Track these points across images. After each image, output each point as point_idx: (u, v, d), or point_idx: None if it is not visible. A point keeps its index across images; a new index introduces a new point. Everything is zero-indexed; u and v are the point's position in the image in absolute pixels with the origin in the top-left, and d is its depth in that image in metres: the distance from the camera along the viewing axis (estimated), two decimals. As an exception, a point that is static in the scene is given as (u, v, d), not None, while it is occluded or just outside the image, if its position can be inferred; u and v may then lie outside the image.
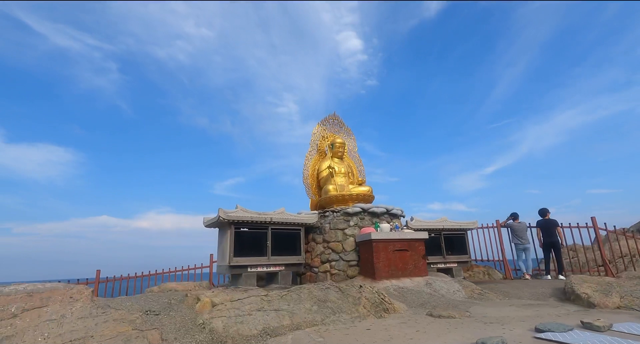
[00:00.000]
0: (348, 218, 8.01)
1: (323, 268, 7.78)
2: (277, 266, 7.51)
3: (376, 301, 5.15)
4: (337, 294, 5.30)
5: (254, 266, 7.23)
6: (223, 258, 7.32)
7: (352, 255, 7.65)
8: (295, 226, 7.99)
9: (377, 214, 8.30)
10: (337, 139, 10.33)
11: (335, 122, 10.86)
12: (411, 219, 9.10)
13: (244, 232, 7.38)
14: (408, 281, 6.91)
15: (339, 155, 10.18)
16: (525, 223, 10.57)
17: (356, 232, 7.89)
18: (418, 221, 9.10)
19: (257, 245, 7.47)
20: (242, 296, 5.05)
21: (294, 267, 7.79)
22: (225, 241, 7.31)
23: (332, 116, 10.81)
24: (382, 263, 7.03)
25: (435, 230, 9.17)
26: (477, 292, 6.50)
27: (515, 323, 3.98)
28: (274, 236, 7.60)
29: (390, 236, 7.28)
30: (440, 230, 9.31)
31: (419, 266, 7.41)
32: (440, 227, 9.33)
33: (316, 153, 10.36)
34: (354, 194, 8.92)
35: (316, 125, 10.52)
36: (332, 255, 7.79)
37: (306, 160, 10.12)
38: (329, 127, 10.73)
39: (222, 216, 6.92)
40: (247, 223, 7.29)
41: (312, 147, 10.32)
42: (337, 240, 7.85)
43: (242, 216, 7.17)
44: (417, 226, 8.78)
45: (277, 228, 7.70)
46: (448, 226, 9.55)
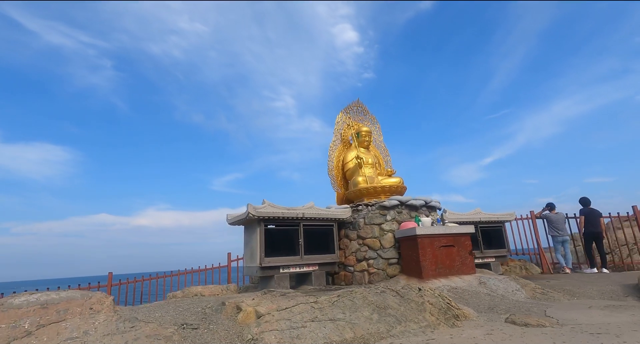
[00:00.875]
0: (384, 212, 7.33)
1: (359, 267, 7.11)
2: (310, 266, 6.85)
3: (442, 307, 4.48)
4: (395, 299, 4.63)
5: (286, 266, 6.57)
6: (252, 258, 6.65)
7: (391, 252, 6.98)
8: (327, 222, 7.32)
9: (415, 207, 7.62)
10: (363, 127, 9.62)
11: (359, 110, 10.13)
12: (444, 212, 8.43)
13: (274, 230, 6.71)
14: (458, 280, 6.25)
15: (365, 145, 9.48)
16: (563, 213, 9.91)
17: (394, 227, 7.21)
18: (452, 214, 8.43)
19: (288, 244, 6.80)
20: (288, 303, 4.38)
21: (328, 266, 7.13)
22: (253, 240, 6.63)
23: (356, 103, 10.08)
24: (429, 260, 6.37)
25: (470, 223, 8.50)
26: (538, 291, 5.84)
27: (630, 334, 3.31)
28: (306, 233, 6.93)
29: (436, 231, 6.60)
30: (477, 223, 8.64)
31: (466, 263, 6.75)
32: (477, 220, 8.65)
33: (340, 143, 9.66)
34: (386, 186, 8.23)
35: (339, 112, 9.80)
36: (368, 252, 7.12)
37: (330, 150, 9.41)
38: (352, 115, 10.00)
39: (252, 213, 6.24)
40: (278, 219, 6.62)
41: (336, 136, 9.60)
42: (373, 236, 7.17)
43: (273, 212, 6.49)
44: (451, 219, 8.11)
45: (309, 224, 7.03)
46: (485, 219, 8.88)
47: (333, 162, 9.35)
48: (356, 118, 10.02)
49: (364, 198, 8.34)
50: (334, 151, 9.45)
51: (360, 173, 8.81)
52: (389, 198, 7.44)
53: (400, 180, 8.67)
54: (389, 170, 9.02)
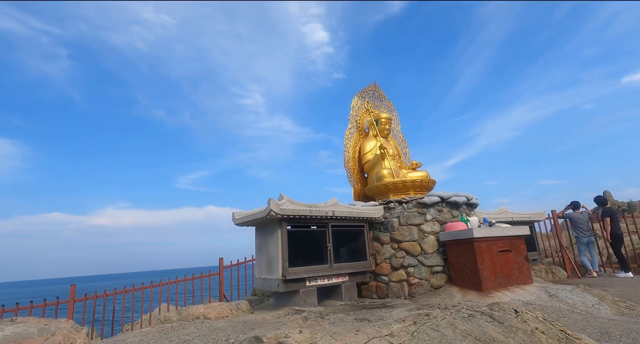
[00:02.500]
0: (423, 210, 6.16)
1: (396, 276, 5.90)
2: (340, 276, 5.55)
3: (559, 337, 3.35)
4: (494, 326, 3.45)
5: (314, 278, 5.23)
6: (270, 268, 5.25)
7: (435, 259, 5.83)
8: (358, 222, 6.05)
9: (457, 205, 6.52)
10: (383, 114, 8.42)
11: (376, 95, 8.93)
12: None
13: (297, 232, 5.34)
14: (522, 291, 5.21)
15: (385, 134, 8.28)
16: (587, 213, 9.26)
17: (436, 228, 6.06)
18: (480, 214, 7.44)
19: (314, 249, 5.47)
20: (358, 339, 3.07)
21: (359, 276, 5.86)
22: (271, 244, 5.23)
23: (373, 86, 8.87)
24: (488, 268, 5.27)
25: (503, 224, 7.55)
26: (622, 305, 4.91)
27: None
28: (334, 236, 5.63)
29: (494, 234, 5.53)
30: (508, 223, 7.71)
31: (523, 270, 5.73)
32: (508, 220, 7.73)
33: (356, 132, 8.40)
34: (417, 180, 7.09)
35: (354, 96, 8.54)
36: (407, 258, 5.93)
37: (346, 139, 8.14)
38: (368, 100, 8.78)
39: (275, 210, 4.84)
40: (302, 219, 5.26)
41: (352, 123, 8.34)
42: (412, 239, 5.99)
43: (298, 210, 5.12)
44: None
45: (338, 224, 5.73)
46: (516, 219, 7.99)
47: (349, 152, 8.08)
48: (372, 104, 8.81)
49: (390, 195, 7.15)
50: (350, 140, 8.19)
51: (384, 165, 7.61)
52: (428, 194, 6.29)
53: (427, 174, 7.56)
54: (414, 163, 7.88)
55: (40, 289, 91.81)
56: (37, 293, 67.47)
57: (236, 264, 8.66)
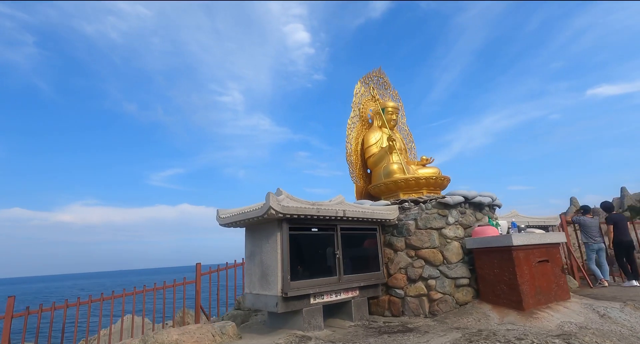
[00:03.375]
0: (445, 212, 5.24)
1: (414, 290, 4.94)
2: (349, 290, 4.53)
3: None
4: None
5: (319, 294, 4.18)
6: (265, 282, 4.15)
7: (460, 269, 4.91)
8: (370, 225, 5.05)
9: (481, 206, 5.65)
10: (390, 103, 7.47)
11: (380, 81, 7.98)
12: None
13: (301, 236, 4.28)
14: (566, 310, 4.37)
15: (391, 125, 7.33)
16: (598, 218, 8.67)
17: (459, 233, 5.15)
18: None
19: (320, 257, 4.43)
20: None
21: (371, 290, 4.86)
22: (269, 251, 4.15)
23: (377, 72, 7.91)
24: (528, 283, 4.40)
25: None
26: (685, 328, 4.15)
27: None
28: (343, 240, 4.60)
29: (532, 241, 4.66)
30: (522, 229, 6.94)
31: (561, 284, 4.91)
32: (524, 224, 6.97)
33: (359, 121, 7.41)
34: (431, 177, 6.18)
35: (357, 82, 7.55)
36: (426, 268, 4.98)
37: (348, 129, 7.13)
38: (370, 87, 7.81)
39: (275, 208, 3.76)
40: (308, 219, 4.20)
41: (354, 111, 7.34)
42: (432, 246, 5.05)
43: (304, 208, 4.06)
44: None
45: (347, 227, 4.71)
46: (532, 223, 7.26)
47: (351, 144, 7.08)
48: (376, 91, 7.85)
49: (400, 193, 6.21)
50: (353, 130, 7.18)
51: (392, 160, 6.66)
52: (450, 193, 5.37)
53: (438, 171, 6.68)
54: (425, 158, 6.97)
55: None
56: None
57: (216, 270, 7.50)
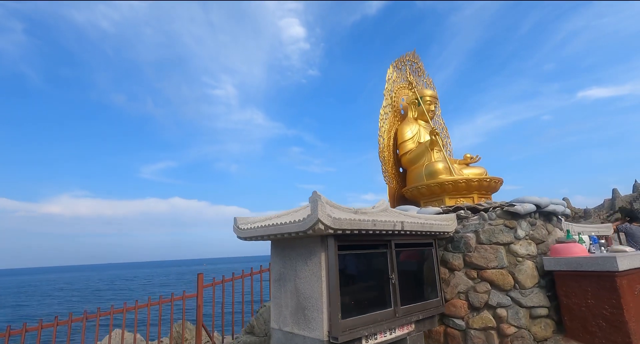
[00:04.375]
0: (512, 223, 4.24)
1: (479, 322, 3.95)
2: (405, 325, 3.52)
3: None
4: None
5: (372, 334, 3.16)
6: (303, 318, 3.11)
7: (536, 296, 3.93)
8: (425, 239, 4.03)
9: (552, 215, 4.68)
10: (428, 90, 6.45)
11: (414, 67, 6.94)
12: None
13: (350, 256, 3.24)
14: (682, 354, 3.43)
15: (430, 116, 6.32)
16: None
17: (532, 250, 4.17)
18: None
19: (372, 284, 3.40)
20: None
21: (427, 322, 3.84)
22: (308, 277, 3.10)
23: (411, 56, 6.86)
24: (636, 318, 3.44)
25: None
26: None
27: None
28: (397, 260, 3.58)
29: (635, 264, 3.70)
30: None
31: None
32: (576, 234, 6.03)
33: (391, 112, 6.37)
34: (486, 180, 5.21)
35: (389, 66, 6.49)
36: (493, 294, 4.00)
37: (381, 120, 6.08)
38: (404, 74, 6.77)
39: (326, 222, 2.72)
40: (360, 235, 3.16)
41: (387, 100, 6.29)
42: (499, 265, 4.06)
43: (359, 221, 3.02)
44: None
45: (402, 243, 3.68)
46: (586, 233, 6.33)
47: (384, 138, 6.04)
48: (409, 78, 6.81)
49: (445, 197, 5.22)
50: (385, 122, 6.14)
51: (434, 158, 5.65)
52: (519, 200, 4.37)
53: (486, 172, 5.71)
54: (469, 156, 5.98)
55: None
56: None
57: (220, 282, 6.45)
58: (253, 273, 6.58)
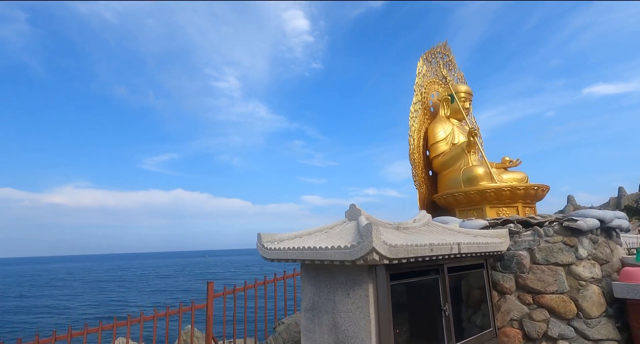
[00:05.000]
0: (572, 240, 3.69)
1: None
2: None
3: None
4: None
5: (427, 378, 2.63)
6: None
7: (604, 327, 3.41)
8: (476, 260, 3.48)
9: (614, 231, 4.13)
10: (462, 86, 5.85)
11: (445, 60, 6.33)
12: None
13: (400, 287, 2.70)
14: None
15: (465, 114, 5.74)
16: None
17: (597, 272, 3.63)
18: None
19: (422, 318, 2.87)
20: None
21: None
22: (352, 311, 2.57)
23: (442, 48, 6.25)
24: None
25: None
26: None
27: None
28: (450, 287, 3.05)
29: None
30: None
31: None
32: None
33: (421, 109, 5.79)
34: (533, 188, 4.65)
35: (419, 59, 5.89)
36: (553, 323, 3.47)
37: (411, 118, 5.51)
38: (434, 67, 6.16)
39: (381, 252, 2.17)
40: (412, 263, 2.61)
41: (417, 96, 5.70)
42: (559, 290, 3.53)
43: (415, 248, 2.47)
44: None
45: (454, 267, 3.15)
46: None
47: (414, 138, 5.47)
48: (440, 72, 6.21)
49: (485, 206, 4.68)
50: (415, 120, 5.57)
51: (470, 162, 5.09)
52: (580, 214, 3.81)
53: (527, 177, 5.15)
54: (508, 160, 5.40)
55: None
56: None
57: (232, 291, 5.97)
58: (267, 281, 6.09)
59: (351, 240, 2.51)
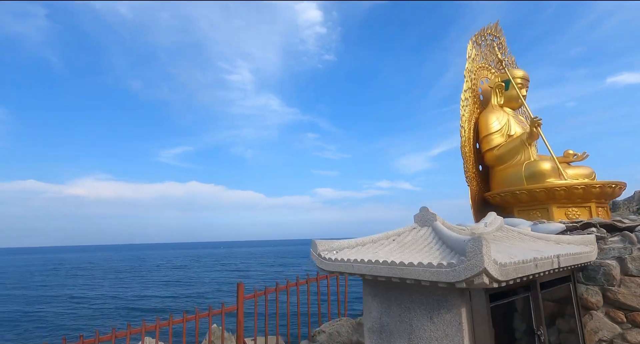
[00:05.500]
0: (673, 248, 3.15)
1: (633, 384, 2.94)
2: (553, 397, 2.51)
3: None
4: None
5: None
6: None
7: None
8: (564, 273, 2.97)
9: None
10: (519, 72, 5.26)
11: (496, 42, 5.72)
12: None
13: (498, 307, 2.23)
14: None
15: (519, 103, 5.16)
16: None
17: (703, 287, 3.08)
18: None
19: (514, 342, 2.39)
20: None
21: (570, 385, 2.84)
22: (441, 340, 2.11)
23: (492, 29, 5.63)
24: None
25: None
26: None
27: None
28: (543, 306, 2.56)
29: None
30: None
31: None
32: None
33: (471, 98, 5.22)
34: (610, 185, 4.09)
35: (468, 42, 5.30)
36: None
37: (462, 106, 4.96)
38: (484, 50, 5.56)
39: (493, 274, 1.69)
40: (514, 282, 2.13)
41: (468, 82, 5.13)
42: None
43: (522, 265, 1.99)
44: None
45: (545, 282, 2.65)
46: None
47: (465, 128, 4.92)
48: (491, 57, 5.61)
49: (552, 206, 4.14)
50: (466, 109, 5.01)
51: (532, 155, 4.54)
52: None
53: (593, 173, 4.56)
54: (571, 153, 4.81)
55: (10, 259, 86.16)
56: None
57: (263, 293, 5.64)
58: (299, 283, 5.73)
59: (438, 254, 2.05)
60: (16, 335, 15.55)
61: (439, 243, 2.25)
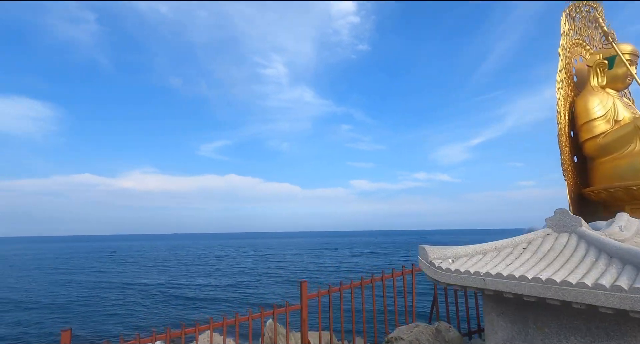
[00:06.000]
0: None
1: None
2: None
3: None
4: None
5: None
6: None
7: None
8: None
9: None
10: (627, 46, 4.50)
11: (591, 15, 4.95)
12: None
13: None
14: None
15: (626, 83, 4.43)
16: None
17: None
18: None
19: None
20: None
21: None
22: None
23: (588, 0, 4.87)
24: None
25: None
26: None
27: None
28: None
29: None
30: None
31: None
32: None
33: (565, 79, 4.55)
34: None
35: (562, 15, 4.59)
36: None
37: (557, 89, 4.32)
38: (578, 24, 4.83)
39: None
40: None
41: (562, 61, 4.46)
42: None
43: None
44: None
45: None
46: None
47: (561, 114, 4.29)
48: (587, 32, 4.87)
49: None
50: (561, 92, 4.37)
51: None
52: None
53: None
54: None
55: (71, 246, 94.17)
56: (73, 250, 68.30)
57: (326, 292, 5.42)
58: (364, 282, 5.46)
59: (609, 271, 1.61)
60: (74, 318, 16.58)
61: (600, 254, 1.80)
